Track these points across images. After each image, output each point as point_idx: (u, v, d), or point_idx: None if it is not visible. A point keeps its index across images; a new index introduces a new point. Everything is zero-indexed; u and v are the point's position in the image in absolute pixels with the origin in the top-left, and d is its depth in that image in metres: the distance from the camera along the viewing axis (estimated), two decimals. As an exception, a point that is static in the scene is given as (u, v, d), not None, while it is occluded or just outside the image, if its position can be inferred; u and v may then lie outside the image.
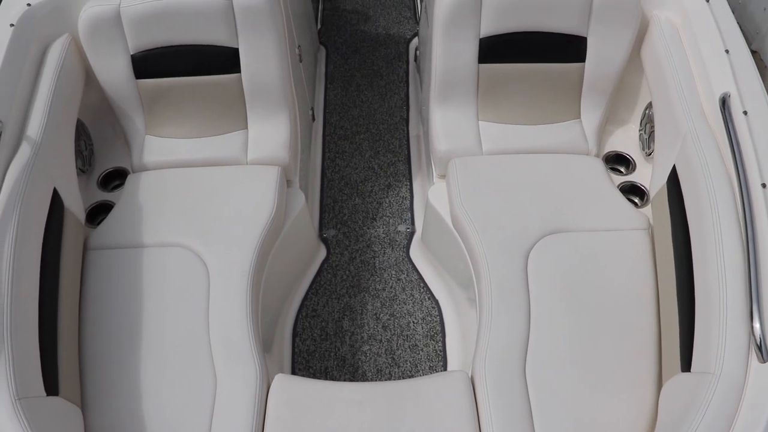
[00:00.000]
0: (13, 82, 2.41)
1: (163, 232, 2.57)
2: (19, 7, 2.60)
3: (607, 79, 2.82)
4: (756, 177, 2.10)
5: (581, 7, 2.66)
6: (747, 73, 2.39)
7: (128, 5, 2.58)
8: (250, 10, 2.59)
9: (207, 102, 2.81)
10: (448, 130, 2.86)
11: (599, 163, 2.80)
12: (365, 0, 4.77)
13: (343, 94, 4.11)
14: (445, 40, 2.72)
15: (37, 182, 2.25)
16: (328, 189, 3.60)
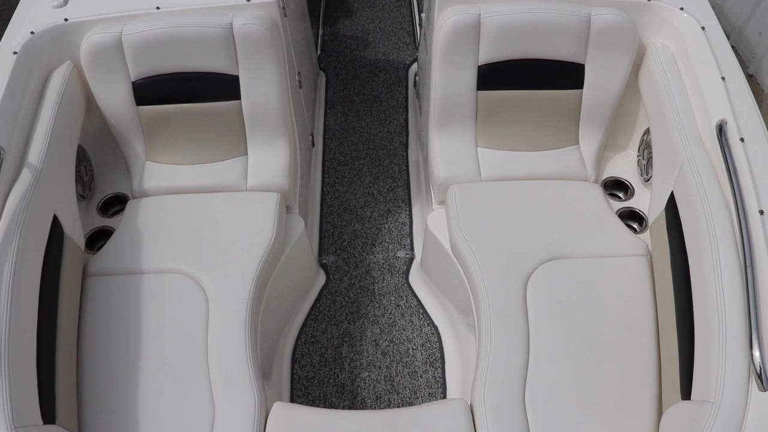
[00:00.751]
0: (15, 109, 2.42)
1: (163, 259, 2.57)
2: (23, 35, 2.63)
3: (605, 105, 2.84)
4: (754, 204, 2.11)
5: (579, 34, 2.68)
6: (743, 100, 2.41)
7: (130, 33, 2.60)
8: (250, 38, 2.62)
9: (207, 128, 2.82)
10: (447, 157, 2.87)
11: (598, 190, 2.81)
12: (365, 26, 4.81)
13: (343, 119, 4.13)
14: (443, 67, 2.74)
15: (37, 209, 2.25)
16: (328, 214, 3.61)
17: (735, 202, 2.12)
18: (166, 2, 2.70)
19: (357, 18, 4.87)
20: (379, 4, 4.98)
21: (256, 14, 2.64)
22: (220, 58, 2.66)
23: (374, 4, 4.98)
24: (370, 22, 4.83)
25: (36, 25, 2.66)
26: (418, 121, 3.93)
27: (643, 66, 2.79)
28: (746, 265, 1.99)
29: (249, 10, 2.67)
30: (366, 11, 4.92)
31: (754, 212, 2.09)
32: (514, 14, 2.63)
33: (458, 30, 2.65)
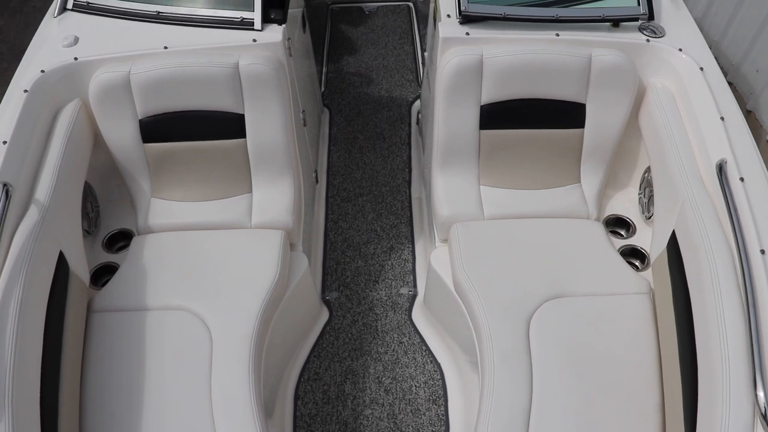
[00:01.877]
0: (24, 146, 2.46)
1: (167, 296, 2.58)
2: (33, 73, 2.67)
3: (606, 144, 2.86)
4: (755, 244, 2.12)
5: (580, 75, 2.72)
6: (742, 140, 2.43)
7: (138, 72, 2.64)
8: (256, 78, 2.65)
9: (212, 166, 2.85)
10: (450, 196, 2.89)
11: (600, 227, 2.82)
12: (368, 63, 4.86)
13: (347, 156, 4.17)
14: (446, 107, 2.78)
15: (43, 246, 2.27)
16: (331, 251, 3.62)
17: (736, 242, 2.13)
18: (174, 42, 2.75)
19: (360, 55, 4.92)
20: (383, 42, 5.05)
21: (262, 54, 2.68)
22: (227, 97, 2.70)
23: (377, 42, 5.04)
24: (374, 59, 4.88)
25: (46, 64, 2.70)
26: (421, 158, 3.96)
27: (644, 105, 2.83)
28: (748, 305, 1.99)
29: (255, 50, 2.71)
30: (369, 48, 4.98)
31: (755, 252, 2.10)
32: (516, 55, 2.67)
33: (461, 70, 2.69)
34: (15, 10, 5.79)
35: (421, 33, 5.08)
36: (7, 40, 5.48)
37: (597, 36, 2.78)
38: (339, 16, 5.32)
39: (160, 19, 2.84)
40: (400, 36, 5.09)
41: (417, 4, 5.38)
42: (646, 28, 2.83)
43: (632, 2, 2.84)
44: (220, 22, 2.79)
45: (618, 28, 2.83)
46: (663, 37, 2.80)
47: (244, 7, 2.79)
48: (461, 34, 2.75)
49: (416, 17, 5.26)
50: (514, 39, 2.75)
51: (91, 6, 2.92)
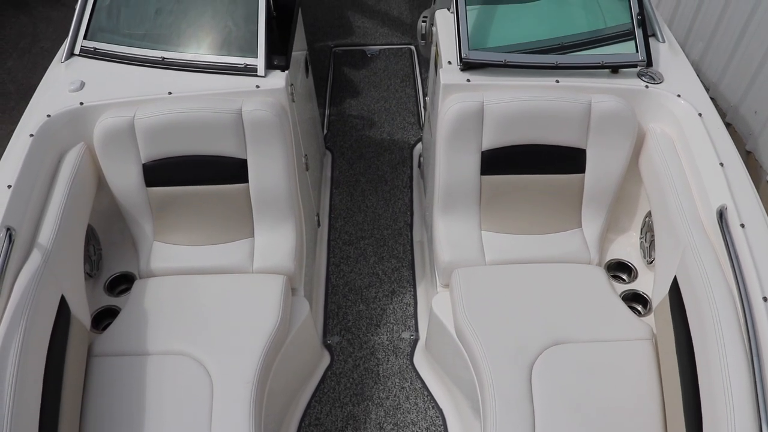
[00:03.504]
0: (29, 190, 2.47)
1: (168, 340, 2.57)
2: (39, 117, 2.70)
3: (606, 189, 2.88)
4: (757, 290, 2.12)
5: (580, 120, 2.74)
6: (742, 186, 2.44)
7: (142, 117, 2.67)
8: (259, 124, 2.68)
9: (215, 210, 2.86)
10: (451, 241, 2.89)
11: (601, 272, 2.82)
12: (370, 106, 4.91)
13: (348, 199, 4.18)
14: (448, 153, 2.80)
15: (45, 290, 2.27)
16: (333, 295, 3.62)
17: (738, 289, 2.13)
18: (178, 87, 2.78)
19: (363, 98, 4.97)
20: (385, 85, 5.10)
21: (265, 100, 2.71)
22: (230, 143, 2.72)
23: (379, 85, 5.09)
24: (376, 102, 4.93)
25: (52, 108, 2.73)
26: (423, 202, 3.97)
27: (644, 151, 2.85)
28: (752, 353, 1.98)
29: (258, 96, 2.74)
30: (371, 91, 5.03)
31: (757, 299, 2.10)
32: (516, 102, 2.69)
33: (462, 117, 2.72)
34: (24, 50, 5.88)
35: (423, 76, 5.14)
36: (15, 80, 5.55)
37: (596, 82, 2.81)
38: (342, 59, 5.39)
39: (164, 64, 2.88)
40: (402, 79, 5.14)
41: (419, 48, 5.44)
42: (645, 74, 2.86)
43: (631, 49, 2.88)
44: (224, 68, 2.83)
45: (617, 74, 2.86)
46: (661, 83, 2.83)
47: (248, 53, 2.83)
48: (462, 81, 2.78)
49: (418, 60, 5.33)
50: (515, 85, 2.78)
51: (97, 51, 2.97)
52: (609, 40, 2.94)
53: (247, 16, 2.89)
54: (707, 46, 4.20)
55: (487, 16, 2.97)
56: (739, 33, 3.84)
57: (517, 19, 3.00)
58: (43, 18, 6.30)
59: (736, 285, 2.14)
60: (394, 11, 5.92)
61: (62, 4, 6.49)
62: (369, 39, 5.60)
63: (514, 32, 2.93)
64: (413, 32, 5.65)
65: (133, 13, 3.05)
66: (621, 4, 2.97)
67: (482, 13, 2.97)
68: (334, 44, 5.53)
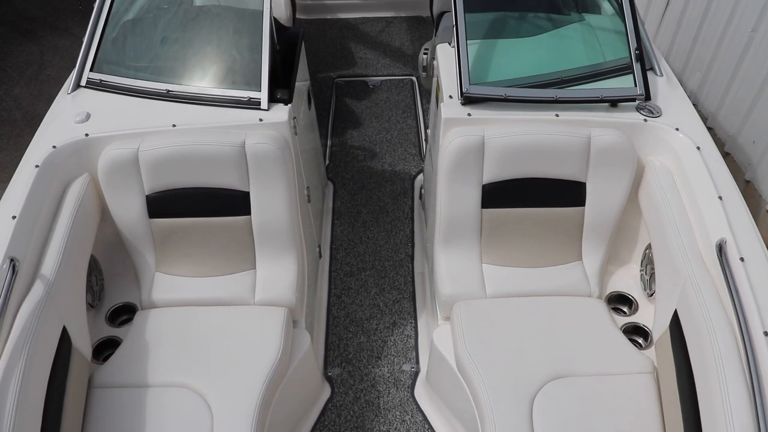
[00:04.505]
0: (33, 221, 2.49)
1: (169, 372, 2.57)
2: (45, 148, 2.73)
3: (606, 222, 2.89)
4: (758, 325, 2.12)
5: (580, 154, 2.76)
6: (741, 220, 2.45)
7: (146, 149, 2.70)
8: (262, 157, 2.70)
9: (217, 242, 2.87)
10: (452, 274, 2.90)
11: (602, 305, 2.83)
12: (372, 137, 4.94)
13: (350, 230, 4.19)
14: (449, 186, 2.82)
15: (47, 322, 2.28)
16: (334, 326, 3.61)
17: (738, 323, 2.13)
18: (182, 120, 2.81)
19: (365, 129, 5.01)
20: (386, 116, 5.14)
21: (268, 133, 2.74)
22: (232, 175, 2.74)
23: (381, 116, 5.13)
24: (377, 133, 4.96)
25: (58, 140, 2.76)
26: (424, 233, 3.98)
27: (643, 184, 2.86)
28: (754, 388, 1.98)
29: (261, 129, 2.77)
30: (373, 122, 5.07)
31: (758, 333, 2.10)
32: (517, 136, 2.72)
33: (463, 151, 2.74)
34: (31, 78, 5.94)
35: (424, 107, 5.18)
36: (21, 107, 5.60)
37: (596, 116, 2.83)
38: (344, 90, 5.44)
39: (169, 97, 2.91)
40: (404, 110, 5.18)
41: (420, 79, 5.49)
42: (644, 108, 2.89)
43: (629, 83, 2.91)
44: (228, 101, 2.86)
45: (616, 108, 2.89)
46: (660, 116, 2.86)
47: (252, 86, 2.86)
48: (463, 115, 2.81)
49: (419, 91, 5.37)
50: (515, 119, 2.81)
51: (103, 83, 3.00)
52: (607, 74, 2.97)
53: (252, 48, 2.93)
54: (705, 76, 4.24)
55: (488, 51, 3.01)
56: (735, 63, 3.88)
57: (516, 54, 3.04)
58: (50, 46, 6.38)
59: (737, 319, 2.15)
60: (395, 43, 5.99)
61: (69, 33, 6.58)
62: (371, 70, 5.66)
63: (514, 67, 2.96)
64: (414, 63, 5.70)
65: (139, 45, 3.09)
66: (619, 39, 3.01)
67: (482, 48, 3.01)
68: (337, 75, 5.58)
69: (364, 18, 6.31)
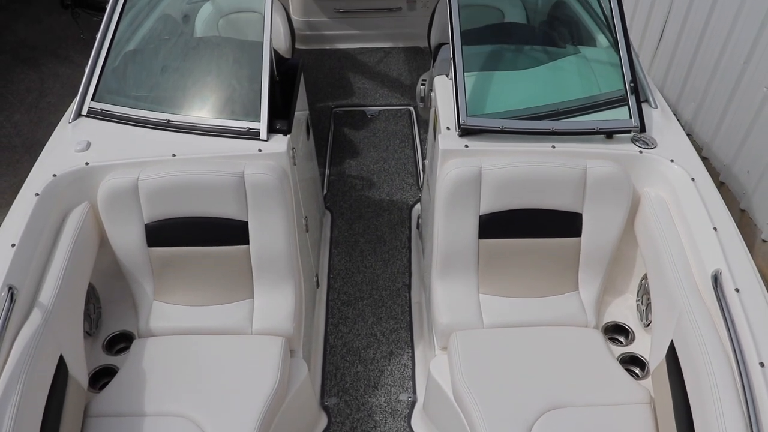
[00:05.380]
0: (32, 249, 2.50)
1: (165, 401, 2.56)
2: (45, 176, 2.74)
3: (603, 252, 2.90)
4: (754, 356, 2.13)
5: (576, 186, 2.79)
6: (736, 251, 2.47)
7: (146, 179, 2.71)
8: (260, 187, 2.72)
9: (215, 271, 2.88)
10: (449, 304, 2.91)
11: (598, 336, 2.83)
12: (370, 166, 4.96)
13: (347, 259, 4.20)
14: (446, 217, 2.83)
15: (44, 350, 2.28)
16: (331, 355, 3.60)
17: (735, 355, 2.14)
18: (182, 149, 2.83)
19: (362, 158, 5.03)
20: (384, 145, 5.16)
21: (266, 164, 2.76)
22: (231, 205, 2.76)
23: (379, 145, 5.16)
24: (375, 162, 4.99)
25: (58, 168, 2.78)
26: (421, 262, 3.99)
27: (639, 214, 2.88)
28: (750, 419, 1.99)
29: (260, 160, 2.79)
30: (371, 152, 5.10)
31: (754, 364, 2.11)
32: (513, 167, 2.74)
33: (460, 182, 2.76)
34: (31, 105, 5.98)
35: (422, 137, 5.21)
36: (21, 133, 5.64)
37: (591, 147, 2.86)
38: (342, 119, 5.47)
39: (169, 127, 2.94)
40: (401, 140, 5.21)
41: (417, 109, 5.53)
42: (639, 139, 2.92)
43: (624, 115, 2.95)
44: (227, 132, 2.89)
45: (611, 139, 2.92)
46: (655, 148, 2.89)
47: (251, 117, 2.89)
48: (460, 147, 2.83)
49: (417, 121, 5.41)
50: (512, 151, 2.83)
51: (104, 113, 3.03)
52: (603, 106, 3.01)
53: (251, 79, 2.96)
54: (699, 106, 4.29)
55: (485, 83, 3.04)
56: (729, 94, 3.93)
57: (513, 86, 3.07)
58: (51, 74, 6.43)
59: (733, 351, 2.16)
60: (393, 73, 6.05)
61: (70, 61, 6.65)
62: (369, 100, 5.70)
63: (510, 99, 3.00)
64: (412, 93, 5.75)
65: (140, 75, 3.13)
66: (614, 71, 3.05)
67: (479, 80, 3.05)
68: (335, 105, 5.62)
69: (362, 48, 6.38)
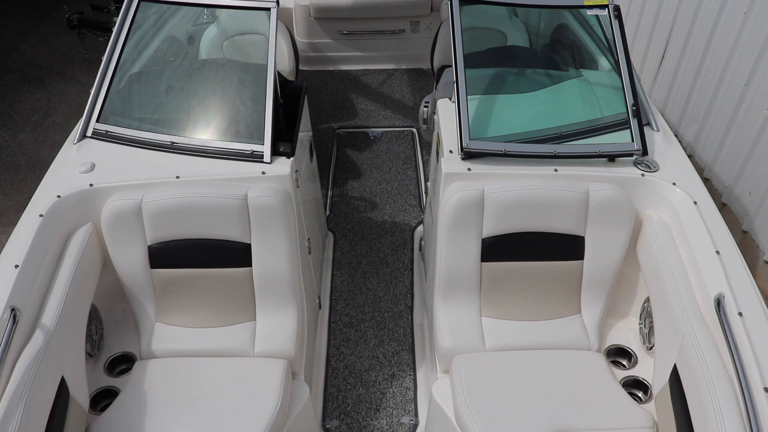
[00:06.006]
0: (35, 270, 2.50)
1: (166, 424, 2.55)
2: (50, 198, 2.75)
3: (605, 275, 2.90)
4: (758, 381, 2.12)
5: (578, 209, 2.79)
6: (738, 274, 2.47)
7: (150, 200, 2.72)
8: (264, 210, 2.73)
9: (217, 293, 2.88)
10: (451, 327, 2.90)
11: (601, 359, 2.82)
12: (372, 188, 4.98)
13: (350, 280, 4.20)
14: (448, 240, 2.84)
15: (45, 372, 2.27)
16: (333, 378, 3.59)
17: (738, 379, 2.13)
18: (186, 171, 2.85)
19: (365, 180, 5.05)
20: (387, 167, 5.18)
21: (270, 186, 2.77)
22: (234, 227, 2.76)
23: (382, 167, 5.18)
24: (378, 184, 5.00)
25: (63, 189, 2.79)
26: (424, 284, 3.99)
27: (641, 237, 2.88)
28: None
29: (263, 182, 2.80)
30: (374, 173, 5.11)
31: (758, 389, 2.10)
32: (516, 191, 2.75)
33: (463, 205, 2.77)
34: (36, 124, 6.02)
35: (424, 158, 5.23)
36: (25, 152, 5.67)
37: (594, 171, 2.87)
38: (345, 140, 5.50)
39: (173, 149, 2.96)
40: (404, 161, 5.23)
41: (420, 131, 5.56)
42: (641, 162, 2.93)
43: (627, 138, 2.96)
44: (231, 154, 2.90)
45: (614, 162, 2.93)
46: (657, 171, 2.89)
47: (255, 140, 2.90)
48: (463, 170, 2.84)
49: (419, 143, 5.43)
50: (515, 174, 2.84)
51: (109, 134, 3.05)
52: (605, 130, 3.02)
53: (255, 102, 2.98)
54: (701, 128, 4.31)
55: (487, 106, 3.06)
56: (730, 116, 3.95)
57: (516, 109, 3.09)
58: (56, 93, 6.48)
59: (736, 375, 2.15)
60: (396, 94, 6.08)
61: (76, 81, 6.70)
62: (372, 121, 5.73)
63: (513, 122, 3.01)
64: (415, 115, 5.78)
65: (145, 97, 3.15)
66: (616, 94, 3.06)
67: (482, 103, 3.07)
68: (338, 126, 5.65)
69: (365, 70, 6.42)
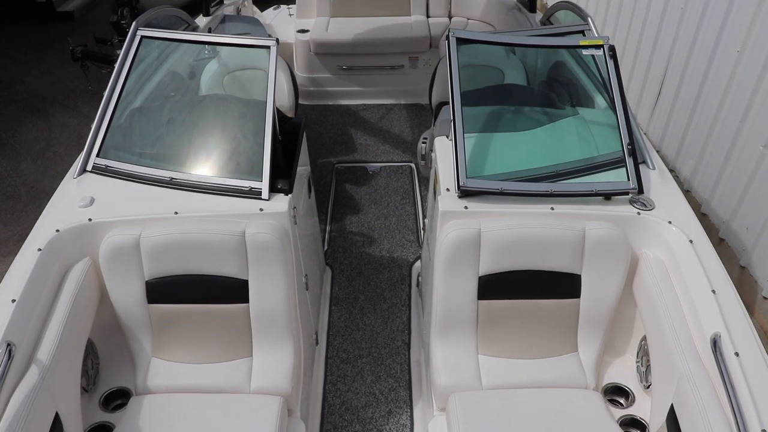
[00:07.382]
0: (32, 305, 2.50)
1: None
2: (48, 232, 2.76)
3: (602, 313, 2.90)
4: (755, 422, 2.11)
5: (575, 247, 2.80)
6: (735, 314, 2.47)
7: (148, 236, 2.73)
8: (261, 246, 2.74)
9: (214, 329, 2.87)
10: (448, 365, 2.89)
11: (598, 398, 2.81)
12: (370, 223, 4.99)
13: (347, 316, 4.19)
14: (445, 278, 2.84)
15: (40, 408, 2.26)
16: (329, 414, 3.57)
17: (735, 421, 2.12)
18: (184, 207, 2.86)
19: (363, 215, 5.06)
20: (385, 202, 5.20)
21: (268, 223, 2.78)
22: (232, 264, 2.77)
23: (380, 202, 5.20)
24: (376, 219, 5.02)
25: (61, 224, 2.80)
26: (421, 320, 3.98)
27: (637, 276, 2.89)
28: None
29: (261, 219, 2.82)
30: (372, 208, 5.13)
31: (756, 431, 2.09)
32: (512, 229, 2.77)
33: (460, 243, 2.78)
34: (38, 154, 6.05)
35: (423, 193, 5.25)
36: (26, 182, 5.69)
37: (590, 209, 2.89)
38: (343, 175, 5.53)
39: (172, 185, 2.98)
40: (402, 196, 5.25)
41: (418, 166, 5.59)
42: (637, 201, 2.95)
43: (622, 177, 2.98)
44: (229, 191, 2.92)
45: (610, 201, 2.95)
46: (653, 209, 2.91)
47: (253, 176, 2.93)
48: (460, 208, 2.86)
49: (418, 178, 5.46)
50: (511, 212, 2.86)
51: (109, 169, 3.07)
52: (601, 168, 3.05)
53: (254, 138, 3.01)
54: (697, 163, 4.33)
55: (484, 144, 3.09)
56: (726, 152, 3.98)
57: (512, 147, 3.12)
58: (59, 124, 6.53)
59: (734, 416, 2.14)
60: (395, 129, 6.13)
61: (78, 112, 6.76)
62: (370, 156, 5.77)
63: (509, 160, 3.04)
64: (413, 150, 5.82)
65: (145, 133, 3.18)
66: (612, 132, 3.09)
67: (479, 141, 3.09)
68: (337, 161, 5.68)
69: (364, 105, 6.48)
